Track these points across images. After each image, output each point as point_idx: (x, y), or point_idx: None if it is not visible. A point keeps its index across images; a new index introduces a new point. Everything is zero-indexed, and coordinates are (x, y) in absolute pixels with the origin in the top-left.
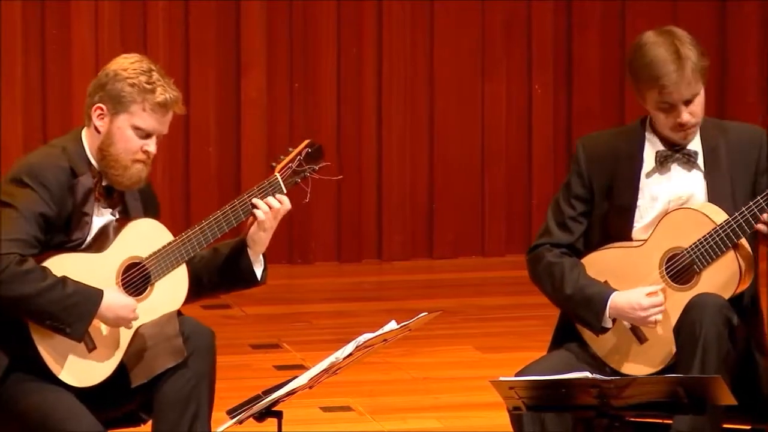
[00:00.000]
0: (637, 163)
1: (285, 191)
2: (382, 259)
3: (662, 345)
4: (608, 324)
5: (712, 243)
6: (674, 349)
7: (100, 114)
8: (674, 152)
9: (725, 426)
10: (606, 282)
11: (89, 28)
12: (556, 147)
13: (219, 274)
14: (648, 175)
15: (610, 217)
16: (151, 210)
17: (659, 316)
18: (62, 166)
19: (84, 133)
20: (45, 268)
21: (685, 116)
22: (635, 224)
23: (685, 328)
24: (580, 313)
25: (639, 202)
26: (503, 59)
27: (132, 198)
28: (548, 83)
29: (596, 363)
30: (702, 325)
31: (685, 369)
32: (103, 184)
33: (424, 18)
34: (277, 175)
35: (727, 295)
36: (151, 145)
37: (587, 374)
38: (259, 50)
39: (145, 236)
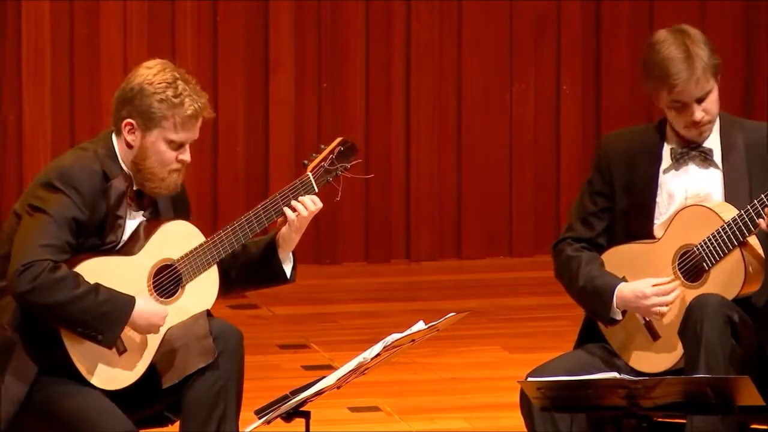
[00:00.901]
0: (656, 160)
1: (317, 190)
2: (410, 259)
3: (675, 342)
4: (617, 315)
5: (719, 240)
6: None
7: (131, 129)
8: (690, 149)
9: (753, 426)
10: (624, 277)
11: (117, 28)
12: (584, 147)
13: (249, 272)
14: (665, 171)
15: (631, 214)
16: (181, 210)
17: (664, 308)
18: (95, 169)
19: (114, 139)
20: (78, 274)
21: (698, 114)
22: (655, 221)
23: (688, 329)
24: (591, 305)
25: (658, 200)
26: (531, 59)
27: (163, 199)
28: (576, 83)
29: (612, 363)
30: (703, 326)
31: (692, 369)
32: (134, 188)
33: (452, 18)
34: (309, 174)
35: (731, 295)
36: (185, 154)
37: (615, 374)
38: (287, 50)
39: (177, 238)
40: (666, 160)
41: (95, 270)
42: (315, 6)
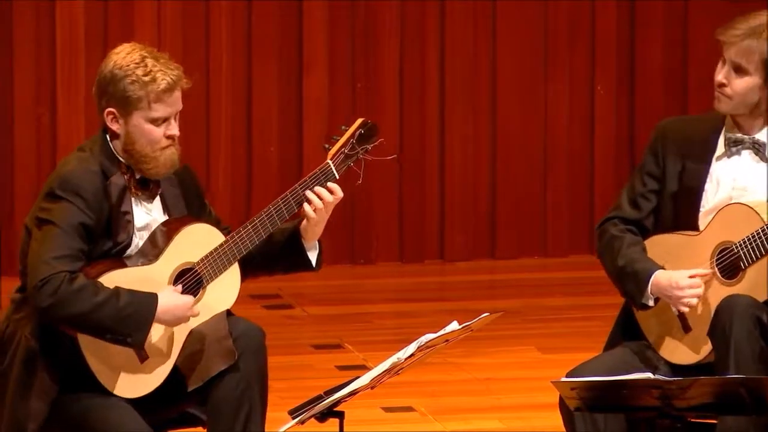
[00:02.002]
0: (711, 148)
1: (338, 177)
2: (444, 259)
3: (706, 336)
4: (649, 301)
5: (758, 241)
6: None
7: (113, 118)
8: (744, 139)
9: None
10: (663, 266)
11: (152, 28)
12: (618, 148)
13: (274, 259)
14: (717, 159)
15: (679, 199)
16: (192, 193)
17: (694, 300)
18: (93, 170)
19: (107, 134)
20: (97, 282)
21: (720, 76)
22: (701, 208)
23: (717, 330)
24: (626, 287)
25: (706, 186)
26: (566, 60)
27: (169, 185)
28: (611, 84)
29: (650, 363)
30: (731, 327)
31: (722, 370)
32: (137, 177)
33: (487, 18)
34: (329, 161)
35: (763, 296)
36: (173, 128)
37: (649, 375)
38: (321, 50)
39: (196, 241)
40: (720, 147)
41: (115, 282)
42: (349, 6)
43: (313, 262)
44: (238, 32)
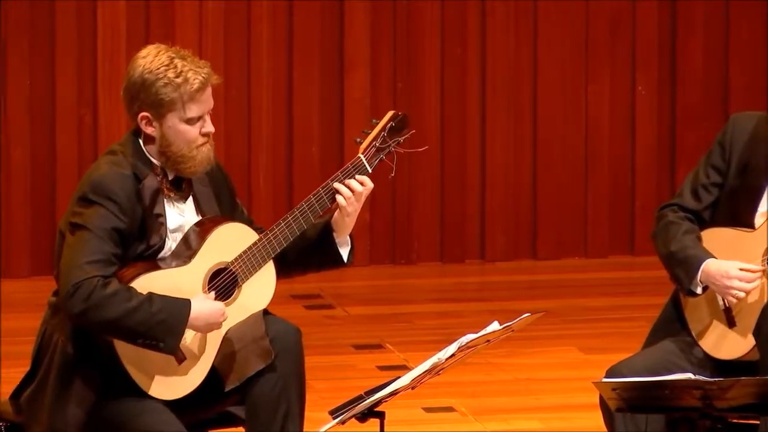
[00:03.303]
0: None
1: (370, 171)
2: (484, 259)
3: (749, 331)
4: (697, 289)
5: None
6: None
7: (147, 122)
8: None
9: None
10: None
11: (193, 28)
12: (659, 148)
13: (306, 256)
14: None
15: (739, 195)
16: (223, 191)
17: (741, 293)
18: (125, 173)
19: (139, 137)
20: (130, 287)
21: None
22: (760, 208)
23: (762, 330)
24: (676, 271)
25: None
26: (607, 60)
27: (201, 185)
28: (652, 84)
29: (693, 363)
30: None
31: (765, 370)
32: (170, 178)
33: (528, 18)
34: (361, 156)
35: None
36: (208, 125)
37: (690, 375)
38: (362, 50)
39: (230, 240)
40: None
41: (150, 284)
42: (390, 6)
43: (345, 257)
44: (280, 32)
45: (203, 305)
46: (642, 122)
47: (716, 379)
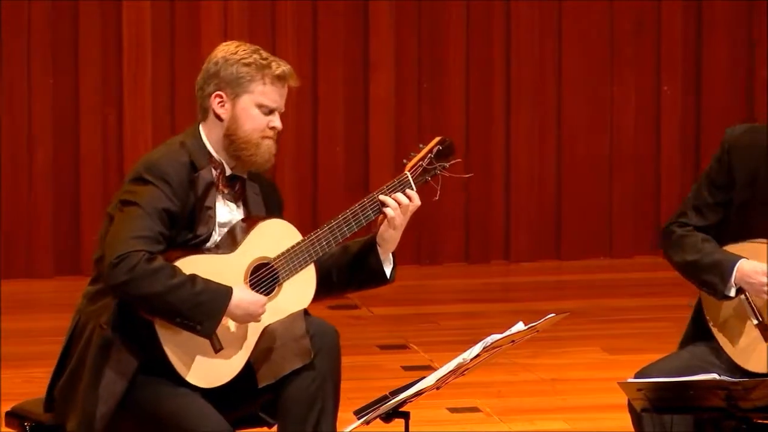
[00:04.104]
0: None
1: (415, 189)
2: (509, 260)
3: None
4: (731, 292)
5: None
6: None
7: (220, 101)
8: None
9: None
10: None
11: (218, 28)
12: (684, 148)
13: (349, 272)
14: None
15: (752, 206)
16: (272, 207)
17: None
18: (182, 160)
19: (201, 128)
20: (174, 266)
21: None
22: None
23: None
24: (705, 277)
25: None
26: (632, 60)
27: (252, 192)
28: (677, 84)
29: (723, 366)
30: None
31: None
32: (227, 174)
33: (553, 19)
34: (408, 173)
35: None
36: (277, 121)
37: (715, 376)
38: (387, 50)
39: (274, 236)
40: None
41: (192, 267)
42: (415, 6)
43: (388, 274)
44: (304, 32)
45: (245, 294)
46: (667, 122)
47: (741, 380)
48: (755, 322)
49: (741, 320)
